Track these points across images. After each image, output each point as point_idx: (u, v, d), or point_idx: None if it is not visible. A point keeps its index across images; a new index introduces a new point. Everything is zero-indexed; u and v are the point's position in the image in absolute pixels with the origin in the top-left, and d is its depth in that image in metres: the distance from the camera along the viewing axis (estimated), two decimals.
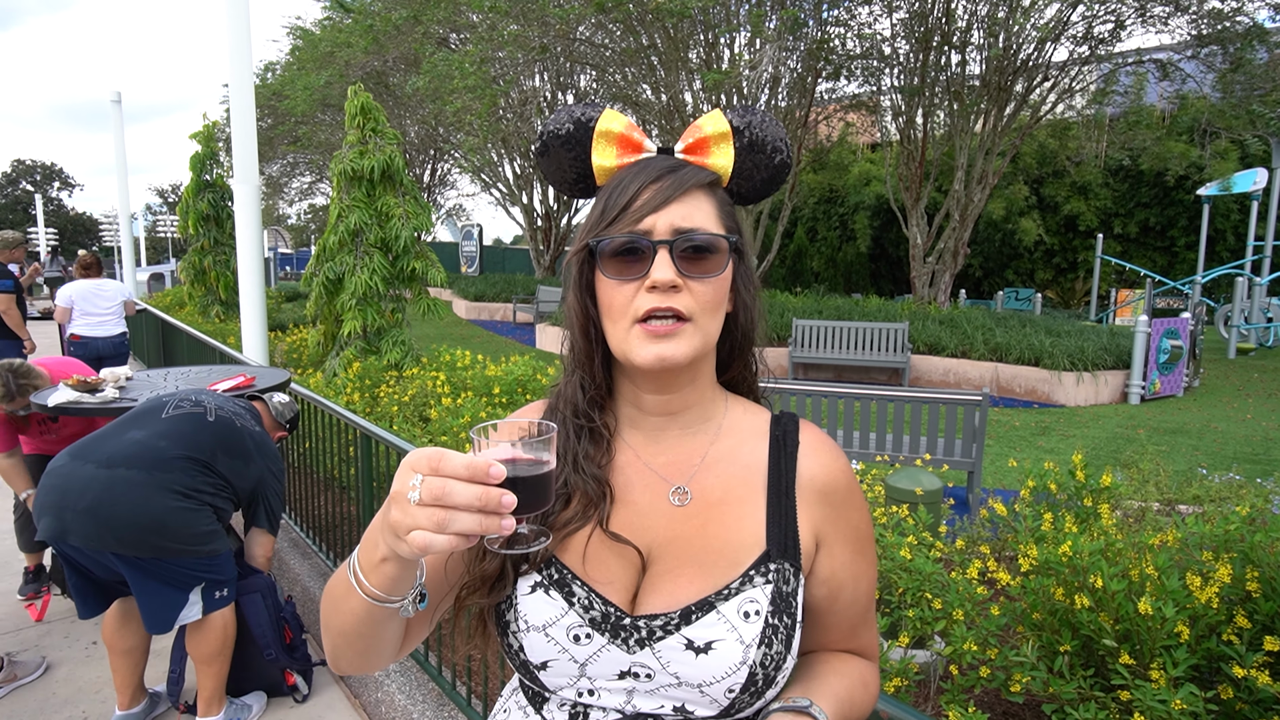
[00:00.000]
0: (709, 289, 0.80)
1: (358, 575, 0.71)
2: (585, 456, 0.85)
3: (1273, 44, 12.54)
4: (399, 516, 0.62)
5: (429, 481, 0.60)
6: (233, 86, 5.47)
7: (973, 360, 10.67)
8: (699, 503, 0.84)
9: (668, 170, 0.82)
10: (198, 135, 10.95)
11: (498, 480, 0.61)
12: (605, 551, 0.82)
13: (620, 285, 0.80)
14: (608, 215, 0.81)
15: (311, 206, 32.69)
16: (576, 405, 0.88)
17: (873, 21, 13.68)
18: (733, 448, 0.88)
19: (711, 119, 0.86)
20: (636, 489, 0.86)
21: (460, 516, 0.60)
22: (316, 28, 19.82)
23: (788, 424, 0.91)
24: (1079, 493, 3.04)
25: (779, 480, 0.86)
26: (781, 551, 0.82)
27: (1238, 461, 6.59)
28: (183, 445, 2.39)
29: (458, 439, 3.92)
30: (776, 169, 0.88)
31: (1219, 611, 2.00)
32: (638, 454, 0.88)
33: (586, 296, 0.85)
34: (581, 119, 0.85)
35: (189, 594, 2.38)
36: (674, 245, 0.78)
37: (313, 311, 6.86)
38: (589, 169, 0.86)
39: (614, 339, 0.82)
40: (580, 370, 0.88)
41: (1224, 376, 11.58)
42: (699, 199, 0.82)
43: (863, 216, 23.40)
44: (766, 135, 0.85)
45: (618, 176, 0.84)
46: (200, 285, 11.22)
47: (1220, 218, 19.59)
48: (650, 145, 0.86)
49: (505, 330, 17.55)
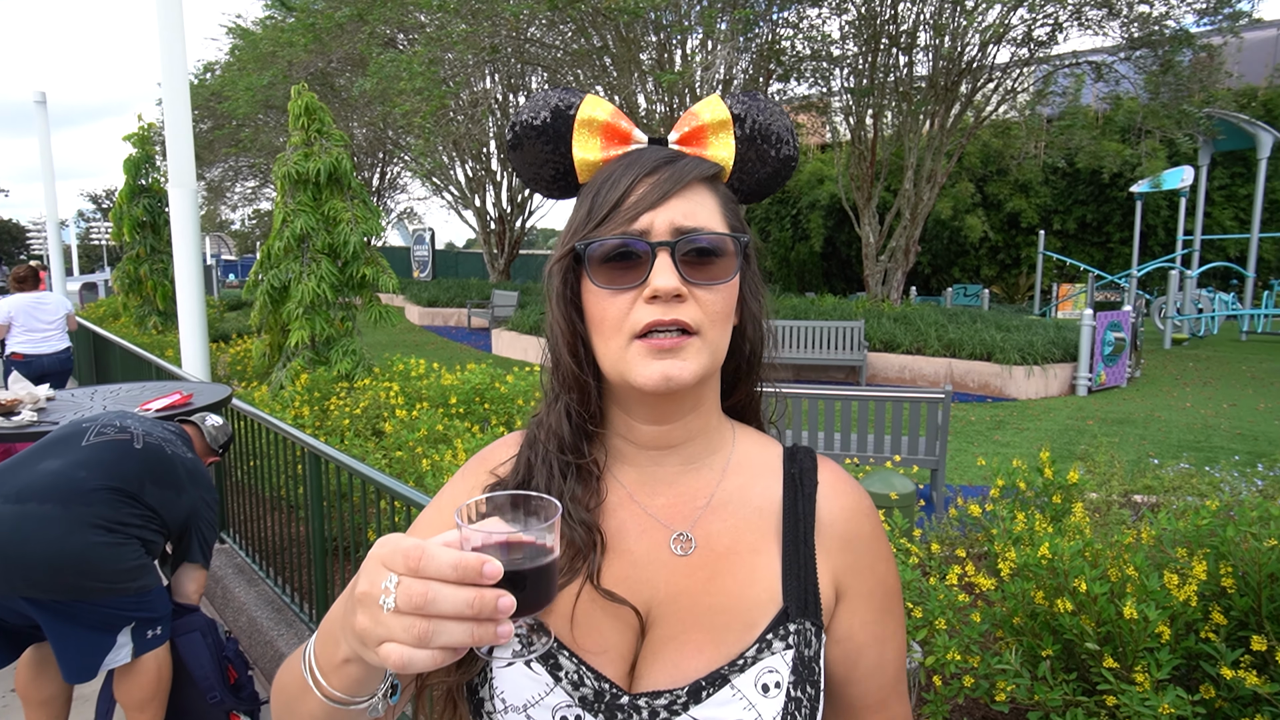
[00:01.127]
0: (717, 297, 0.69)
1: (315, 674, 0.58)
2: (572, 499, 0.72)
3: (1199, 48, 13.10)
4: (367, 624, 0.50)
5: (407, 585, 0.48)
6: (166, 85, 5.19)
7: (927, 356, 10.84)
8: (705, 552, 0.73)
9: (664, 162, 0.71)
10: (131, 137, 10.46)
11: (493, 580, 0.49)
12: (597, 613, 0.70)
13: (613, 296, 0.68)
14: (596, 214, 0.70)
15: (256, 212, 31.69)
16: (563, 439, 0.74)
17: (822, 23, 13.82)
18: (742, 487, 0.77)
19: (709, 105, 0.75)
20: (631, 536, 0.74)
21: (447, 627, 0.48)
22: (258, 26, 19.18)
23: (804, 460, 0.79)
24: (1046, 489, 3.05)
25: (795, 526, 0.74)
26: (801, 609, 0.70)
27: (1183, 449, 6.80)
28: (106, 475, 2.18)
29: (414, 453, 3.76)
30: (781, 163, 0.77)
31: (1196, 609, 1.99)
32: (631, 494, 0.76)
33: (573, 310, 0.73)
34: (560, 106, 0.74)
35: (116, 635, 2.18)
36: (676, 247, 0.67)
37: (257, 321, 6.57)
38: (569, 164, 0.75)
39: (607, 358, 0.70)
40: (568, 396, 0.75)
41: (1162, 366, 12.01)
42: (701, 194, 0.71)
43: (816, 216, 23.71)
44: (770, 124, 0.75)
45: (605, 171, 0.73)
46: (136, 295, 10.72)
47: (1152, 214, 20.41)
48: (640, 135, 0.75)
49: (460, 336, 17.23)
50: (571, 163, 0.75)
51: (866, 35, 13.41)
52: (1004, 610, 2.20)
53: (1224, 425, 7.84)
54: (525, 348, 13.67)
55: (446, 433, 4.10)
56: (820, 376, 11.37)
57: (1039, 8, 12.12)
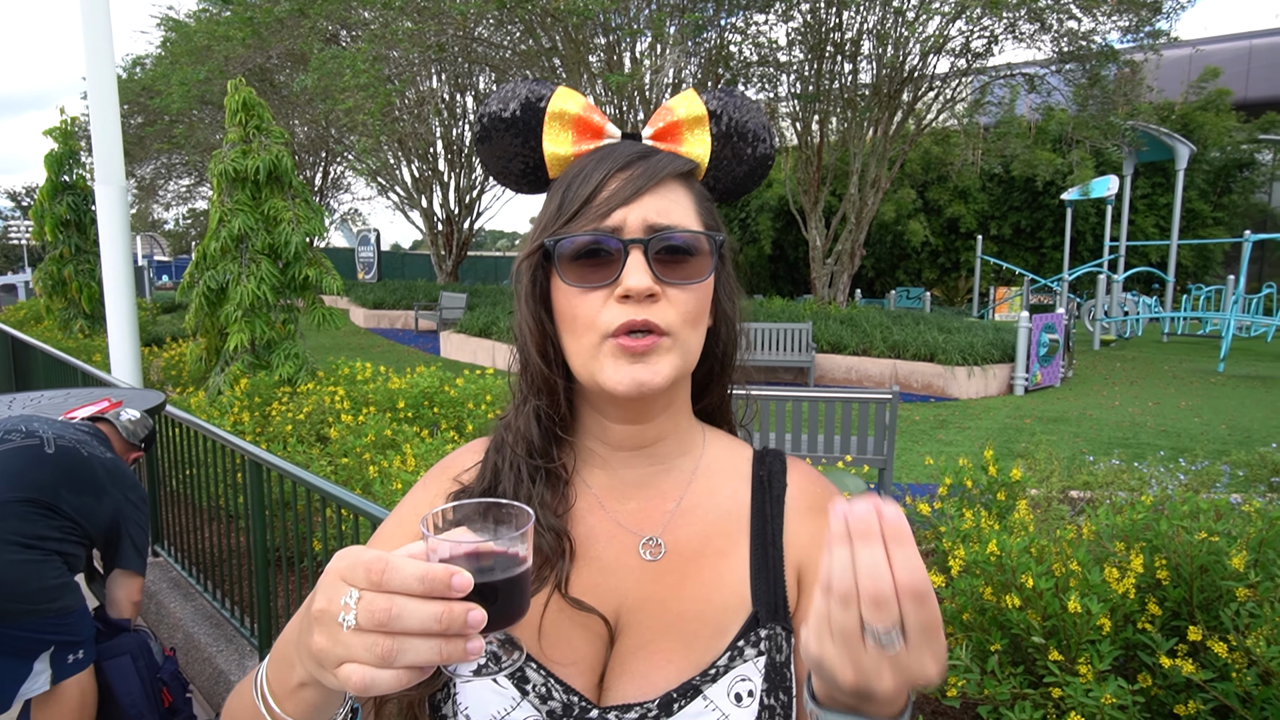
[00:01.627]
0: (691, 297, 0.67)
1: (268, 701, 0.54)
2: (541, 504, 0.70)
3: (1122, 63, 13.77)
4: (325, 644, 0.46)
5: (369, 600, 0.45)
6: (92, 77, 4.93)
7: (873, 358, 11.09)
8: (674, 557, 0.71)
9: (638, 157, 0.69)
10: (53, 132, 9.94)
11: (462, 593, 0.46)
12: (565, 623, 0.68)
13: (584, 294, 0.66)
14: (567, 209, 0.68)
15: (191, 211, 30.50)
16: (531, 442, 0.72)
17: (769, 29, 14.03)
18: (711, 490, 0.75)
19: (685, 100, 0.73)
20: (600, 541, 0.72)
21: (413, 645, 0.45)
22: (191, 19, 18.45)
23: (773, 463, 0.78)
24: (991, 487, 3.14)
25: (764, 528, 0.73)
26: (771, 613, 0.69)
27: (1113, 446, 7.10)
28: (16, 486, 2.03)
29: (361, 460, 3.65)
30: (758, 161, 0.76)
31: (1134, 601, 2.07)
32: (600, 499, 0.74)
33: (541, 308, 0.70)
34: (530, 98, 0.71)
35: (33, 662, 2.02)
36: (649, 245, 0.65)
37: (192, 324, 6.31)
38: (540, 158, 0.72)
39: (577, 359, 0.68)
40: (537, 399, 0.72)
41: (1092, 367, 12.56)
42: (676, 191, 0.69)
43: (765, 218, 24.05)
44: (747, 121, 0.74)
45: (577, 165, 0.70)
46: (60, 297, 10.19)
47: (1081, 220, 21.34)
48: (613, 130, 0.73)
49: (408, 339, 16.89)
50: (542, 157, 0.72)
51: (812, 42, 13.67)
52: (954, 607, 2.25)
53: (1150, 422, 8.24)
54: (474, 350, 13.47)
55: (395, 438, 3.99)
56: (769, 378, 11.52)
57: (976, 20, 12.55)
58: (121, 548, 2.31)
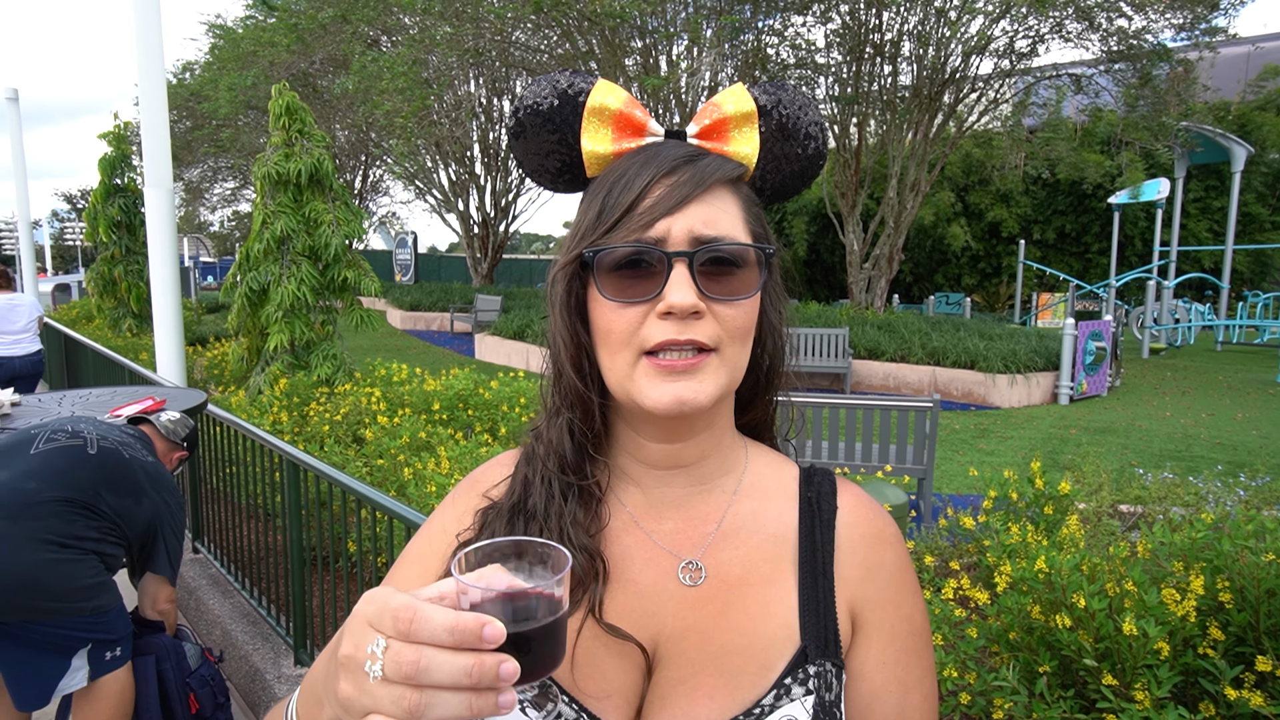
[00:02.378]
0: (739, 313, 0.63)
1: None
2: (573, 522, 0.66)
3: (1175, 62, 13.32)
4: (351, 693, 0.44)
5: (396, 651, 0.43)
6: (143, 84, 5.07)
7: (911, 364, 10.88)
8: (715, 582, 0.67)
9: (684, 160, 0.64)
10: (107, 136, 10.25)
11: (494, 644, 0.43)
12: (600, 651, 0.64)
13: (622, 309, 0.62)
14: (607, 218, 0.63)
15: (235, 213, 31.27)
16: (564, 457, 0.68)
17: (807, 31, 13.90)
18: (755, 511, 0.71)
19: (733, 96, 0.69)
20: (636, 564, 0.68)
21: (441, 699, 0.42)
22: (238, 26, 18.95)
23: (822, 484, 0.73)
24: (1038, 500, 3.02)
25: (814, 555, 0.68)
26: (821, 649, 0.65)
27: (1165, 458, 6.85)
28: (58, 485, 2.05)
29: (396, 462, 3.67)
30: (810, 160, 0.71)
31: (1194, 625, 1.96)
32: (636, 519, 0.70)
33: (577, 320, 0.67)
34: (569, 91, 0.67)
35: (71, 659, 2.05)
36: (694, 258, 0.61)
37: (235, 324, 6.43)
38: (578, 156, 0.69)
39: (613, 375, 0.65)
40: (570, 412, 0.69)
41: (1141, 376, 12.15)
42: (723, 198, 0.65)
43: (800, 222, 23.82)
44: (800, 118, 0.69)
45: (618, 167, 0.66)
46: (110, 297, 10.49)
47: (1129, 224, 20.73)
48: (656, 127, 0.68)
49: (443, 340, 17.08)
50: (580, 154, 0.68)
51: (851, 44, 13.49)
52: (1000, 625, 2.16)
53: (1204, 435, 7.93)
54: (509, 353, 13.55)
55: (429, 440, 4.01)
56: (805, 384, 11.37)
57: (1021, 19, 12.26)
58: (155, 552, 2.33)
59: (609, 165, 0.68)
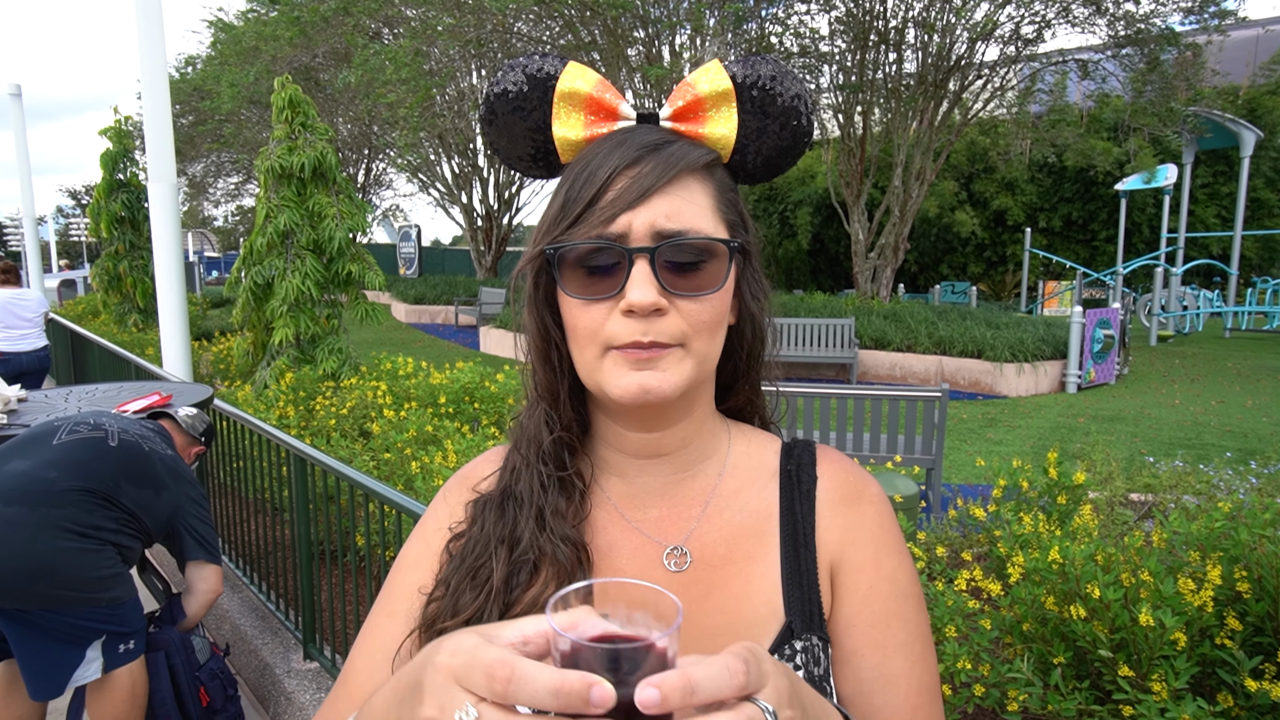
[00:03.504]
0: (704, 308, 0.62)
1: None
2: (555, 513, 0.66)
3: (1184, 46, 13.16)
4: None
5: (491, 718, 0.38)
6: (145, 79, 5.05)
7: (918, 354, 10.84)
8: (700, 566, 0.67)
9: (649, 149, 0.62)
10: (108, 131, 10.23)
11: (603, 709, 0.37)
12: None
13: (586, 306, 0.61)
14: (569, 212, 0.62)
15: (239, 208, 31.30)
16: (542, 446, 0.68)
17: (810, 19, 13.77)
18: (737, 491, 0.70)
19: (708, 73, 0.65)
20: (622, 553, 0.68)
21: None
22: (240, 20, 18.90)
23: (802, 455, 0.72)
24: (1050, 490, 3.00)
25: (794, 528, 0.67)
26: (806, 623, 0.64)
27: (1174, 446, 6.81)
28: (78, 475, 2.07)
29: (403, 455, 3.66)
30: (794, 136, 0.68)
31: (1211, 615, 1.94)
32: (620, 509, 0.70)
33: (546, 313, 0.66)
34: (538, 75, 0.65)
35: (85, 650, 2.06)
36: (656, 254, 0.59)
37: (239, 319, 6.43)
38: (550, 141, 0.67)
39: (582, 367, 0.64)
40: (544, 403, 0.69)
41: (1149, 364, 12.08)
42: (691, 187, 0.62)
43: (804, 212, 23.69)
44: (781, 91, 0.65)
45: (585, 155, 0.64)
46: (115, 292, 10.52)
47: (1137, 211, 20.55)
48: (628, 110, 0.66)
49: (448, 334, 17.08)
50: (553, 139, 0.66)
51: (855, 32, 13.37)
52: (1013, 616, 2.15)
53: (1214, 422, 7.88)
54: (514, 345, 13.53)
55: (436, 433, 4.00)
56: (811, 374, 11.34)
57: (1027, 4, 12.13)
58: (184, 543, 2.37)
59: (579, 151, 0.66)
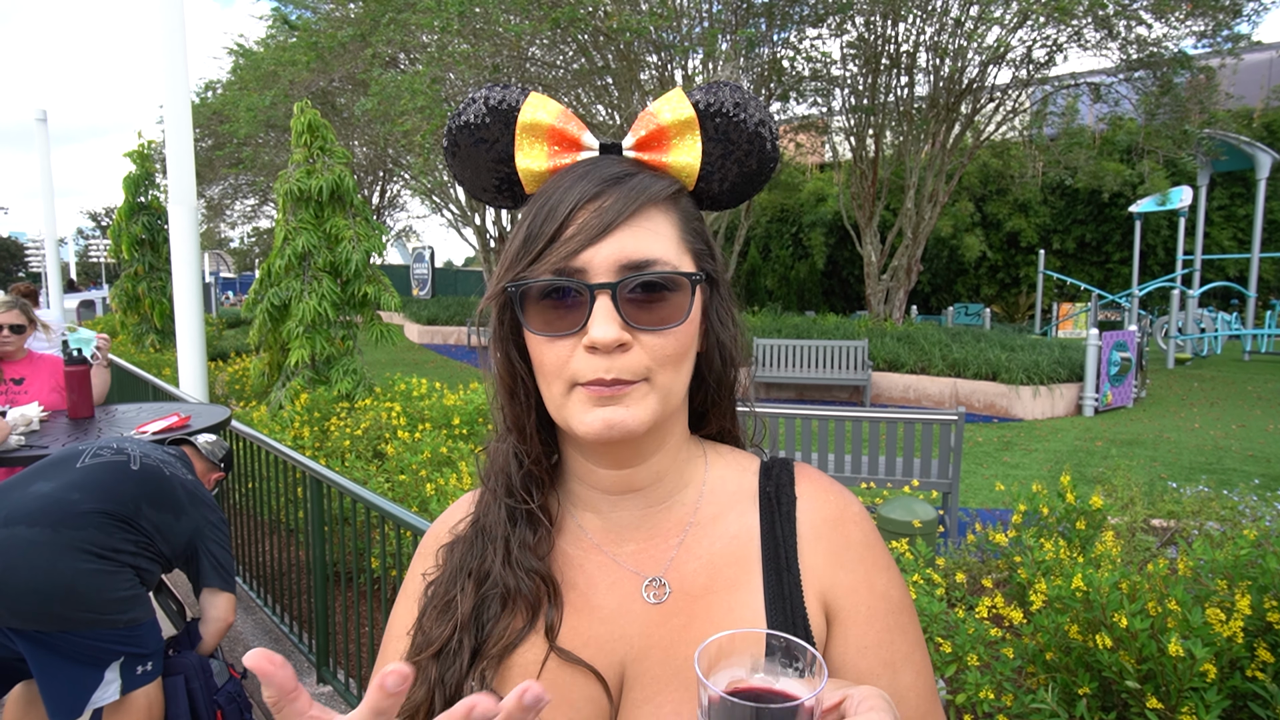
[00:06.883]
0: (668, 342, 0.61)
1: None
2: (521, 545, 0.66)
3: (1196, 70, 13.16)
4: None
5: None
6: (167, 104, 5.15)
7: (932, 376, 10.76)
8: (680, 596, 0.65)
9: (611, 182, 0.62)
10: (132, 154, 10.43)
11: None
12: (566, 680, 0.62)
13: (550, 342, 0.61)
14: (531, 248, 0.61)
15: (255, 230, 31.72)
16: (510, 479, 0.68)
17: (823, 43, 13.92)
18: (716, 517, 0.69)
19: (670, 102, 0.65)
20: (600, 588, 0.66)
21: None
22: (260, 46, 19.30)
23: (780, 475, 0.70)
24: (1069, 515, 2.95)
25: (776, 552, 0.66)
26: None
27: (1195, 471, 6.70)
28: (99, 498, 2.09)
29: (418, 477, 3.66)
30: (759, 162, 0.67)
31: (1241, 646, 1.89)
32: (597, 542, 0.69)
33: (512, 348, 0.66)
34: (499, 107, 0.65)
35: (104, 671, 2.06)
36: (618, 289, 0.59)
37: (256, 340, 6.49)
38: (514, 172, 0.67)
39: (550, 403, 0.64)
40: (512, 437, 0.69)
41: (1167, 386, 11.94)
42: (654, 219, 0.62)
43: (817, 234, 23.73)
44: (744, 117, 0.65)
45: (547, 189, 0.64)
46: (134, 313, 10.65)
47: (1151, 233, 20.43)
48: (591, 140, 0.66)
49: (460, 354, 17.15)
50: (516, 170, 0.67)
51: (867, 56, 13.47)
52: (1036, 645, 2.11)
53: (1235, 447, 7.75)
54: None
55: (450, 455, 4.00)
56: (824, 396, 11.28)
57: (1039, 28, 12.18)
58: (201, 567, 2.37)
59: (543, 183, 0.66)
